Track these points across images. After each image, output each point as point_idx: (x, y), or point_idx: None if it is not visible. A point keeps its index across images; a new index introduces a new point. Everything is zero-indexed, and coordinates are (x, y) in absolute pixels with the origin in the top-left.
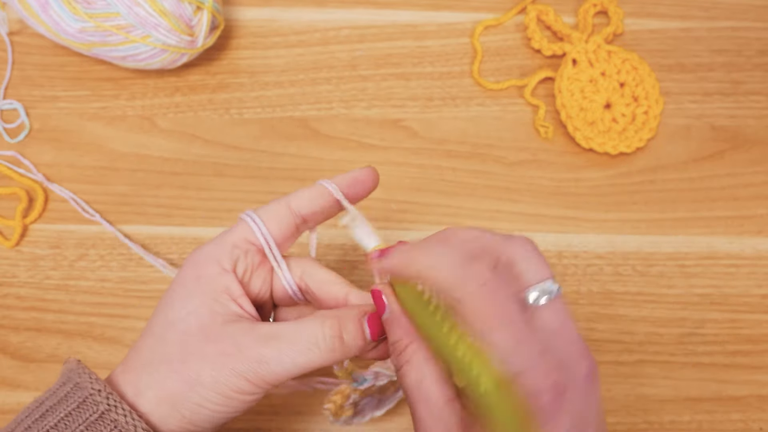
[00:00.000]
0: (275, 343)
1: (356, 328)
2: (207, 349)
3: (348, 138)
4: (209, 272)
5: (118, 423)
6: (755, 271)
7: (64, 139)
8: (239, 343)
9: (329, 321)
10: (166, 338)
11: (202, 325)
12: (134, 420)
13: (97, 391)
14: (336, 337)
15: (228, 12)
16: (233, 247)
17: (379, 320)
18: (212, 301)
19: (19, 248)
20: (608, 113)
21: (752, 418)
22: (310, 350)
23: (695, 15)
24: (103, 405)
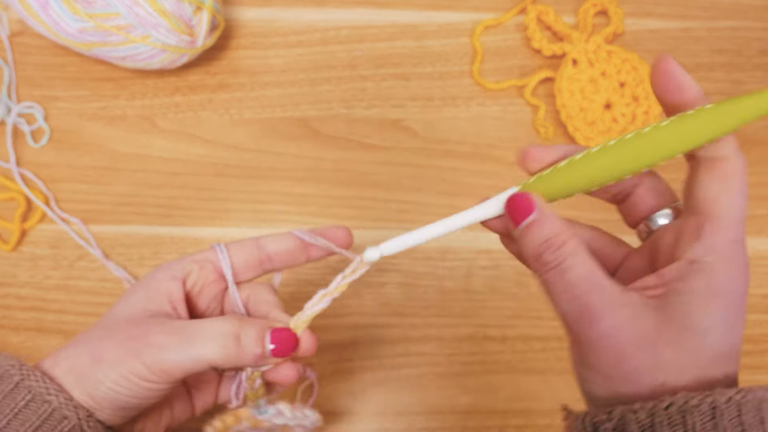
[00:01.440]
0: (178, 333)
1: (257, 334)
2: (120, 334)
3: (348, 138)
4: (159, 278)
5: (32, 388)
6: (755, 271)
7: (64, 139)
8: (148, 330)
9: (231, 319)
10: (97, 326)
11: (131, 317)
12: (46, 383)
13: (12, 366)
14: (232, 335)
15: (228, 12)
16: (191, 261)
17: (286, 339)
18: (148, 299)
19: (19, 248)
20: (608, 113)
21: None
22: (205, 342)
23: (695, 15)
24: (17, 376)
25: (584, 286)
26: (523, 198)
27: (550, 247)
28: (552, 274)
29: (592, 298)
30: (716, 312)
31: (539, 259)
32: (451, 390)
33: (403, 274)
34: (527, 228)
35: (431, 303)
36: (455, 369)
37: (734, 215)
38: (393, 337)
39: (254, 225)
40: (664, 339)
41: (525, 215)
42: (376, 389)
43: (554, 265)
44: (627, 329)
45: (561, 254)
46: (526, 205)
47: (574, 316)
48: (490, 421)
